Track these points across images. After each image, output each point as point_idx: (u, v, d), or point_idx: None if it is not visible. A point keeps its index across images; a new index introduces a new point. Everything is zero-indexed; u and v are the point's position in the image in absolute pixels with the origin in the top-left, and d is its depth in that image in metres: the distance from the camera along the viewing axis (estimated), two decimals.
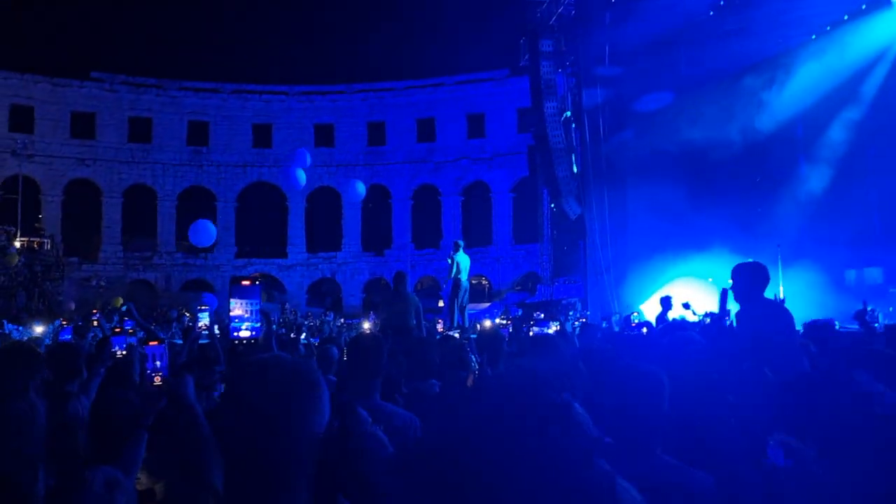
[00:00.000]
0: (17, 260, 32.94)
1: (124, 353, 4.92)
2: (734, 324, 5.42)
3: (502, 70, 43.71)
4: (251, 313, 3.17)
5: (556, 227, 31.73)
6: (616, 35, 20.07)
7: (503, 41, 41.96)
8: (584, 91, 21.98)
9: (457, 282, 14.57)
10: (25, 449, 2.64)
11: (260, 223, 45.59)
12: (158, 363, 3.06)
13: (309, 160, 19.99)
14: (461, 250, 15.00)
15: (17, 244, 37.24)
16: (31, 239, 38.93)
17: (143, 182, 44.34)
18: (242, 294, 3.14)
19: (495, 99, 44.00)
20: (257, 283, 3.24)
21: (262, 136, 46.27)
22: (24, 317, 27.27)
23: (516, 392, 1.19)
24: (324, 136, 46.63)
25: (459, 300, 14.54)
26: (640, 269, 18.36)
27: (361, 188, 21.63)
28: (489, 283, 43.64)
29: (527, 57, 26.46)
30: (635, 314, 13.62)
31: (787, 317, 5.27)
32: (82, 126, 43.26)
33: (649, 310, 15.34)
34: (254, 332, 3.15)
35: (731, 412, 3.24)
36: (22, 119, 41.75)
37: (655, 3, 18.44)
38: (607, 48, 20.64)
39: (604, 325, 13.59)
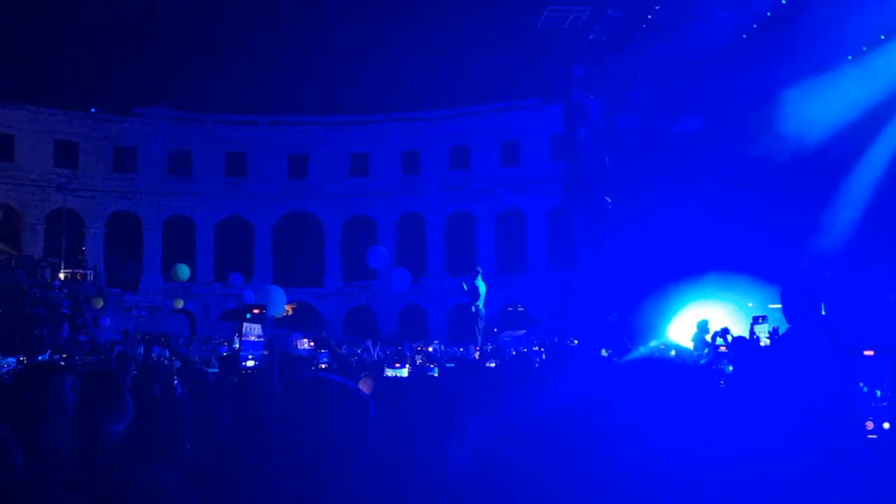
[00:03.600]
0: (101, 304, 33.79)
1: None
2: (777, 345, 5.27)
3: (535, 98, 43.86)
4: (258, 340, 3.19)
5: (591, 253, 31.50)
6: (649, 59, 20.04)
7: (536, 68, 42.12)
8: (616, 115, 21.97)
9: (477, 308, 14.60)
10: None
11: (296, 252, 46.02)
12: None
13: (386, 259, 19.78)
14: (480, 277, 15.05)
15: (62, 276, 38.07)
16: (75, 270, 39.79)
17: (182, 213, 45.15)
18: (254, 321, 3.16)
19: (529, 126, 44.10)
20: (264, 311, 3.27)
21: (298, 166, 46.88)
22: (69, 346, 27.78)
23: None
24: (359, 165, 47.11)
25: (480, 326, 14.57)
26: (662, 293, 18.09)
27: (404, 278, 21.14)
28: (524, 310, 43.43)
29: (559, 84, 26.55)
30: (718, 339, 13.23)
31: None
32: (124, 160, 44.30)
33: (678, 334, 15.10)
34: (257, 362, 3.17)
35: None
36: (66, 154, 42.89)
37: (688, 26, 18.42)
38: (640, 72, 20.62)
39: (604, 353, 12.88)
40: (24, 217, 41.88)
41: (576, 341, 18.53)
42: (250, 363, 3.21)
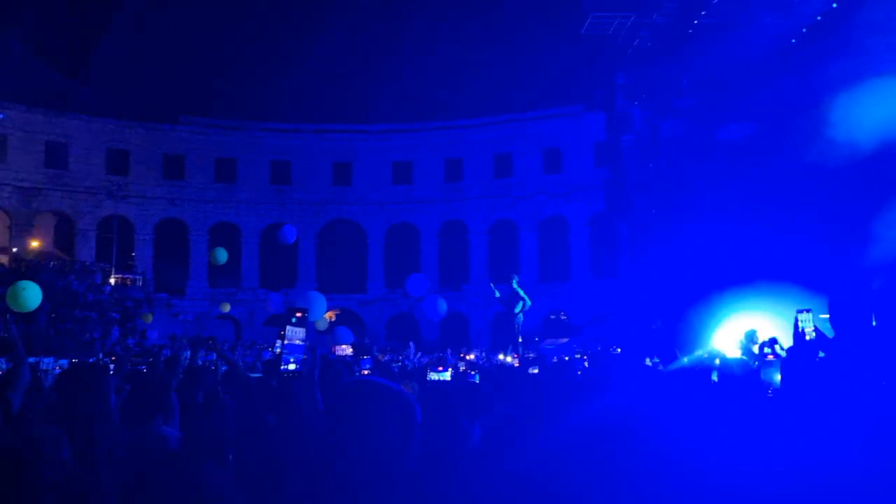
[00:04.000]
0: (149, 319, 34.60)
1: None
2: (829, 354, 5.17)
3: (578, 105, 43.65)
4: (301, 344, 3.23)
5: (633, 261, 31.22)
6: (694, 65, 19.82)
7: (579, 75, 41.90)
8: (660, 122, 21.75)
9: (515, 315, 14.59)
10: None
11: (340, 259, 46.39)
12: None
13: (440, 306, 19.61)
14: (516, 283, 15.03)
15: (113, 281, 38.97)
16: (125, 276, 40.72)
17: (227, 220, 45.87)
18: (297, 324, 3.20)
19: (572, 133, 43.89)
20: (305, 315, 3.31)
21: (342, 174, 47.31)
22: (119, 349, 28.40)
23: None
24: (402, 172, 47.39)
25: (518, 333, 14.56)
26: (707, 302, 17.81)
27: (438, 307, 20.93)
28: (567, 318, 43.13)
29: (602, 91, 26.40)
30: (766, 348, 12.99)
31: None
32: (172, 167, 45.21)
33: (724, 343, 14.84)
34: (298, 366, 3.21)
35: None
36: (118, 162, 43.93)
37: (735, 31, 18.16)
38: (685, 79, 20.40)
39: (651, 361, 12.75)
40: (77, 223, 42.98)
41: (619, 349, 18.36)
42: (292, 367, 3.25)
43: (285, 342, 3.21)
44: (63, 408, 3.74)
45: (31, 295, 11.22)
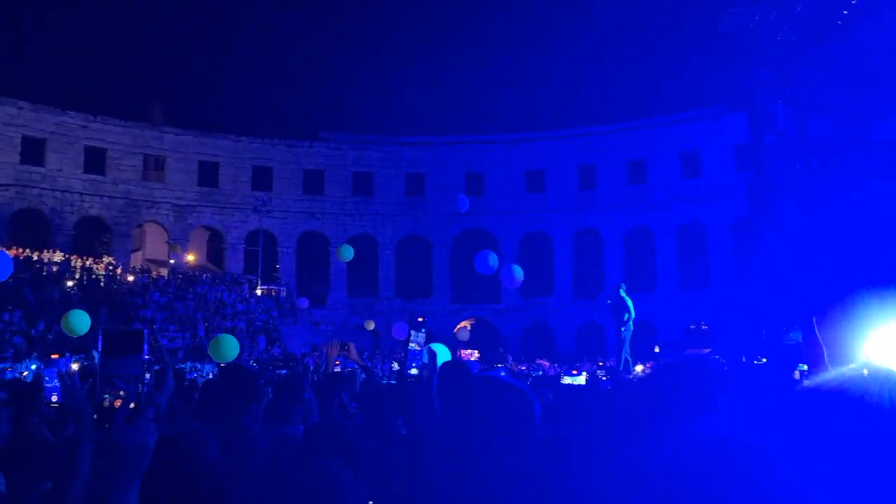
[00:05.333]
0: (371, 326, 36.63)
1: None
2: None
3: (717, 106, 42.02)
4: (420, 348, 3.25)
5: (778, 267, 29.60)
6: (843, 58, 18.60)
7: (717, 76, 40.40)
8: (807, 121, 20.55)
9: (625, 325, 14.15)
10: None
11: (473, 269, 46.62)
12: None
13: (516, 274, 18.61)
14: (623, 291, 14.59)
15: (259, 292, 41.00)
16: (270, 287, 42.74)
17: (365, 232, 47.27)
18: (415, 328, 3.23)
19: (710, 136, 42.29)
20: (424, 320, 3.33)
21: (475, 184, 47.69)
22: (265, 357, 29.78)
23: None
24: (535, 181, 47.23)
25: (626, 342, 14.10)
26: (859, 311, 16.55)
27: (519, 273, 19.83)
28: (707, 328, 41.46)
29: (744, 90, 25.28)
30: None
31: None
32: (313, 182, 47.18)
33: (879, 355, 13.75)
34: (419, 370, 3.23)
35: None
36: (262, 178, 46.36)
37: (890, 19, 16.92)
38: (833, 73, 19.18)
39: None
40: (226, 237, 45.60)
41: (764, 360, 17.44)
42: (414, 371, 3.29)
43: (409, 349, 3.27)
44: (213, 406, 3.96)
45: (77, 322, 11.85)
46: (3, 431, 3.94)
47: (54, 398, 7.12)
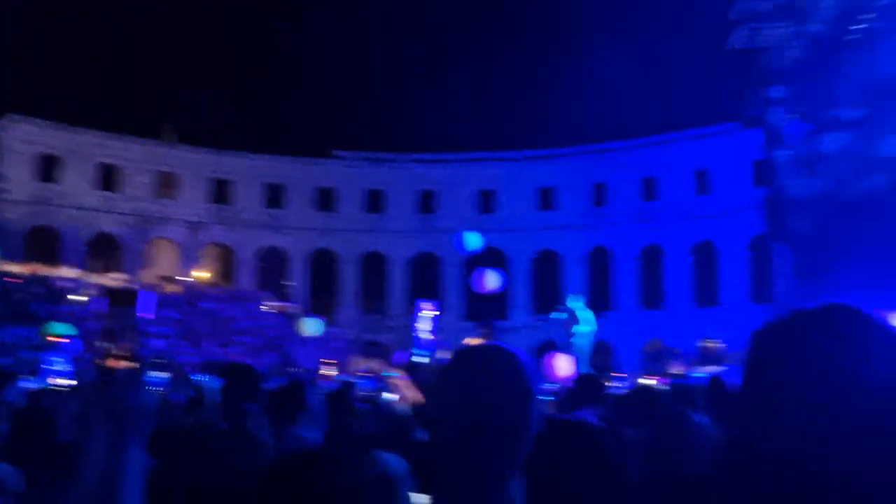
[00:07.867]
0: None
1: None
2: None
3: (732, 122, 41.82)
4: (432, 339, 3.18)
5: (793, 286, 29.32)
6: (857, 74, 18.50)
7: (731, 92, 40.34)
8: (823, 137, 20.42)
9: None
10: None
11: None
12: None
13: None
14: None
15: (270, 308, 40.99)
16: (281, 303, 42.75)
17: (376, 249, 47.25)
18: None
19: (725, 153, 42.09)
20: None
21: (487, 201, 47.67)
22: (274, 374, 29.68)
23: None
24: (547, 199, 47.15)
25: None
26: None
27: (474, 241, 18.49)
28: (718, 346, 41.06)
29: (756, 107, 25.17)
30: None
31: None
32: (325, 200, 47.29)
33: None
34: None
35: None
36: (275, 195, 46.53)
37: None
38: (847, 88, 19.07)
39: None
40: (237, 254, 45.70)
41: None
42: (419, 359, 3.21)
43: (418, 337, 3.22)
44: (225, 406, 4.20)
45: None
46: (4, 429, 3.94)
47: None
